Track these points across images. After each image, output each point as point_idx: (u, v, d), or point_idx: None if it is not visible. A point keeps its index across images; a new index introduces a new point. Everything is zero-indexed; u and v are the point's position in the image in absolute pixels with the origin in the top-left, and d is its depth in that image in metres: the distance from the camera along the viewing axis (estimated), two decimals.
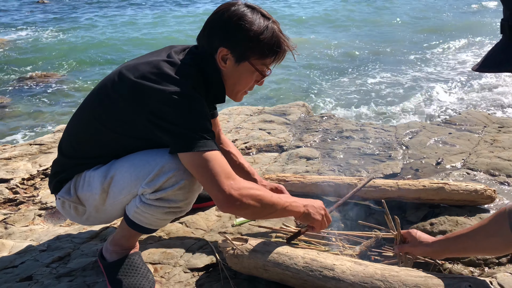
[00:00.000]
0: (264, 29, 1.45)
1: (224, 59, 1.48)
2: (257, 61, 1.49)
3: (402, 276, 1.40)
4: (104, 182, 1.49)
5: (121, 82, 1.44)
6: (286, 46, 1.52)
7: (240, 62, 1.49)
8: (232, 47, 1.46)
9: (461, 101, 6.47)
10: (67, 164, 1.59)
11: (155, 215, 1.48)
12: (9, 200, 2.47)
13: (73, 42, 11.10)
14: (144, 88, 1.37)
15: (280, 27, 1.52)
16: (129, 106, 1.41)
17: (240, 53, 1.47)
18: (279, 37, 1.49)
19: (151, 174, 1.41)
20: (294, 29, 12.19)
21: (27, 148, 3.17)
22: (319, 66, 8.67)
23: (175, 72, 1.40)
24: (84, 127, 1.55)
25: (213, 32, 1.48)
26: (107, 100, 1.48)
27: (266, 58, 1.50)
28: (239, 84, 1.55)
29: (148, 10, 16.27)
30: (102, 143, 1.53)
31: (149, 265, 1.73)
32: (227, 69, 1.50)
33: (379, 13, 14.42)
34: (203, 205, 2.17)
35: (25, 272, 1.76)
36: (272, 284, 1.60)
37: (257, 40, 1.45)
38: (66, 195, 1.58)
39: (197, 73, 1.45)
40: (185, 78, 1.39)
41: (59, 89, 7.54)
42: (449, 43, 9.98)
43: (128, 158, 1.50)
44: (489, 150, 2.68)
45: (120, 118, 1.46)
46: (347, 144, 2.95)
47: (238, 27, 1.44)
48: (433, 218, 1.93)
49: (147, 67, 1.42)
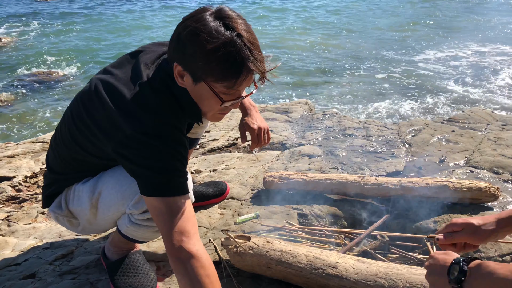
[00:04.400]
0: (221, 44, 1.12)
1: (181, 75, 1.24)
2: (214, 84, 1.20)
3: (405, 274, 1.39)
4: (93, 198, 1.46)
5: (98, 103, 1.31)
6: (253, 66, 1.16)
7: (197, 82, 1.22)
8: (185, 64, 1.20)
9: (466, 98, 6.45)
10: (56, 179, 1.54)
11: (146, 233, 1.46)
12: (12, 198, 2.48)
13: (76, 39, 11.11)
14: (112, 114, 1.25)
15: (252, 39, 1.18)
16: (100, 130, 1.30)
17: (193, 72, 1.20)
18: (243, 56, 1.14)
19: (136, 196, 1.36)
20: (300, 26, 12.16)
21: (30, 145, 3.17)
22: (321, 64, 8.65)
23: (138, 103, 1.24)
24: (63, 144, 1.46)
25: (170, 44, 1.25)
26: (79, 123, 1.36)
27: (224, 81, 1.18)
28: (203, 106, 1.30)
29: (157, 8, 16.26)
30: (83, 161, 1.46)
31: (151, 263, 1.73)
32: (186, 86, 1.26)
33: (386, 13, 14.38)
34: (205, 203, 2.17)
35: (28, 270, 1.77)
36: (275, 282, 1.60)
37: (209, 59, 1.14)
38: (57, 209, 1.55)
39: (166, 99, 1.29)
40: (151, 112, 1.24)
41: (62, 86, 7.55)
42: (452, 42, 9.94)
43: (114, 173, 1.44)
44: (492, 148, 2.66)
45: (90, 141, 1.35)
46: (349, 142, 2.94)
47: (190, 42, 1.16)
48: (436, 216, 1.92)
49: (115, 94, 1.28)
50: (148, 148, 1.21)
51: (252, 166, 2.63)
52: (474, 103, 6.18)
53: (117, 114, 1.24)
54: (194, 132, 1.96)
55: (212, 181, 2.27)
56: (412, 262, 1.67)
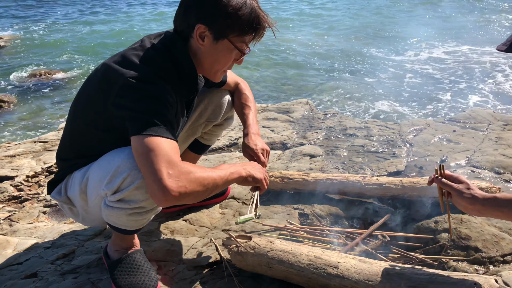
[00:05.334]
0: (243, 4, 1.39)
1: (201, 36, 1.42)
2: (236, 39, 1.43)
3: (406, 274, 1.39)
4: (82, 183, 1.48)
5: (97, 71, 1.46)
6: (266, 22, 1.45)
7: (219, 39, 1.42)
8: (210, 24, 1.39)
9: (466, 98, 6.44)
10: (62, 166, 1.59)
11: (120, 217, 1.43)
12: (14, 197, 2.48)
13: (78, 39, 11.11)
14: (111, 72, 1.36)
15: (258, 3, 1.46)
16: (100, 95, 1.40)
17: (218, 30, 1.40)
18: (258, 13, 1.42)
19: (109, 175, 1.37)
20: (305, 24, 12.15)
21: (31, 145, 3.18)
22: (322, 64, 8.64)
23: (139, 58, 1.37)
24: (71, 125, 1.54)
25: (189, 9, 1.42)
26: (83, 94, 1.49)
27: (245, 35, 1.43)
28: (218, 63, 1.49)
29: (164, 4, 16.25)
30: (88, 141, 1.50)
31: (153, 262, 1.73)
32: (205, 47, 1.44)
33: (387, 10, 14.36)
34: (206, 203, 2.17)
35: (30, 269, 1.77)
36: (276, 281, 1.60)
37: (235, 16, 1.38)
38: (57, 195, 1.59)
39: (164, 57, 1.41)
40: (147, 64, 1.36)
41: (63, 86, 7.55)
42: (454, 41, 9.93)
43: (101, 158, 1.46)
44: (493, 147, 2.66)
45: (95, 110, 1.43)
46: (351, 141, 2.94)
47: (215, 3, 1.37)
48: (438, 216, 1.92)
49: (116, 57, 1.42)
50: (139, 92, 1.31)
51: None
52: (475, 103, 6.17)
53: (116, 66, 1.36)
54: (208, 138, 2.06)
55: None
56: (414, 262, 1.67)
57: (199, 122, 1.92)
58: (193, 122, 1.91)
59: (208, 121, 1.94)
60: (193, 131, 1.95)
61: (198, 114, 1.89)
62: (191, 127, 1.92)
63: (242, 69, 8.06)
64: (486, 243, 1.71)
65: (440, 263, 1.66)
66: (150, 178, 1.24)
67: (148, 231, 1.98)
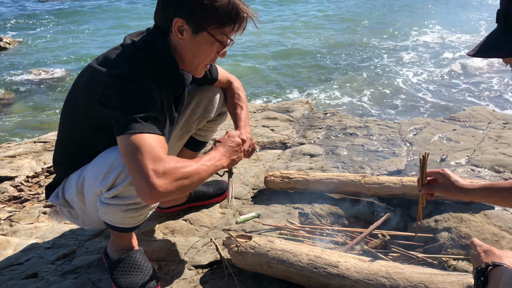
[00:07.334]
0: None
1: (180, 30, 1.41)
2: (215, 31, 1.42)
3: (406, 273, 1.39)
4: (78, 183, 1.49)
5: (82, 74, 1.47)
6: (245, 13, 1.43)
7: (198, 32, 1.41)
8: (188, 17, 1.38)
9: (466, 96, 6.44)
10: (59, 170, 1.61)
11: (116, 214, 1.43)
12: (14, 197, 2.49)
13: (77, 39, 11.11)
14: (95, 72, 1.37)
15: None
16: (87, 96, 1.40)
17: (196, 23, 1.39)
18: (237, 4, 1.41)
19: (103, 172, 1.37)
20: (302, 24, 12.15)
21: (32, 145, 3.18)
22: (323, 63, 8.64)
23: (121, 57, 1.38)
24: (62, 130, 1.56)
25: (167, 3, 1.41)
26: (71, 99, 1.50)
27: (224, 26, 1.42)
28: (198, 57, 1.48)
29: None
30: (82, 143, 1.51)
31: (153, 262, 1.73)
32: (184, 41, 1.43)
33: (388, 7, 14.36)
34: (206, 202, 2.18)
35: (30, 269, 1.77)
36: (276, 281, 1.60)
37: (212, 7, 1.37)
38: (55, 199, 1.60)
39: (145, 54, 1.41)
40: (129, 61, 1.37)
41: (63, 86, 7.55)
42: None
43: (96, 157, 1.47)
44: (493, 146, 2.66)
45: (84, 113, 1.44)
46: (350, 141, 2.94)
47: None
48: (438, 215, 1.92)
49: (100, 58, 1.42)
50: (122, 90, 1.31)
51: (253, 166, 2.63)
52: (475, 103, 6.17)
53: (98, 69, 1.36)
54: (203, 135, 2.04)
55: (213, 181, 2.27)
56: (413, 261, 1.67)
57: (192, 119, 1.92)
58: (187, 119, 1.91)
59: (201, 118, 1.93)
60: (188, 128, 1.95)
61: (191, 111, 1.89)
62: (185, 125, 1.92)
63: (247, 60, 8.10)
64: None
65: (440, 262, 1.66)
66: (136, 176, 1.25)
67: (148, 231, 1.98)
